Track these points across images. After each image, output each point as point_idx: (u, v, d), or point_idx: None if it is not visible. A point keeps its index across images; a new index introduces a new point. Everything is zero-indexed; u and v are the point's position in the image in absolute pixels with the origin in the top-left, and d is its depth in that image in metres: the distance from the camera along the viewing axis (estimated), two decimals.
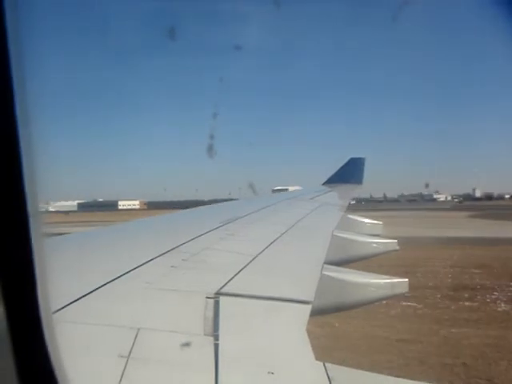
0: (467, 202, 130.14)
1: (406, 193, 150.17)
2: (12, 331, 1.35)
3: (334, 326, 16.10)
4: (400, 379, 2.88)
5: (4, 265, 1.33)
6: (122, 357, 2.04)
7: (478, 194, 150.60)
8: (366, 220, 9.49)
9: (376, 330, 15.35)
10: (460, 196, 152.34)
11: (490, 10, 3.07)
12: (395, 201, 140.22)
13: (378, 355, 12.70)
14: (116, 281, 3.01)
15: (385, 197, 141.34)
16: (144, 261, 3.54)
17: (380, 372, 2.60)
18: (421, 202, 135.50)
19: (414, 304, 18.57)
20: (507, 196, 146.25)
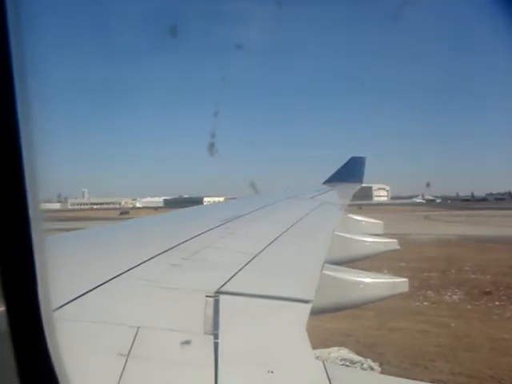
0: None
1: (494, 191, 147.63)
2: (13, 329, 1.35)
3: (450, 325, 16.31)
4: (400, 379, 2.88)
5: (5, 263, 1.33)
6: (121, 355, 2.04)
7: None
8: (367, 219, 9.49)
9: (495, 332, 15.39)
10: None
11: (491, 11, 3.06)
12: (483, 199, 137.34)
13: (503, 357, 12.79)
14: (116, 279, 3.02)
15: (472, 195, 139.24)
16: (144, 259, 3.54)
17: None
18: (510, 200, 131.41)
19: None
20: None
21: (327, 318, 16.15)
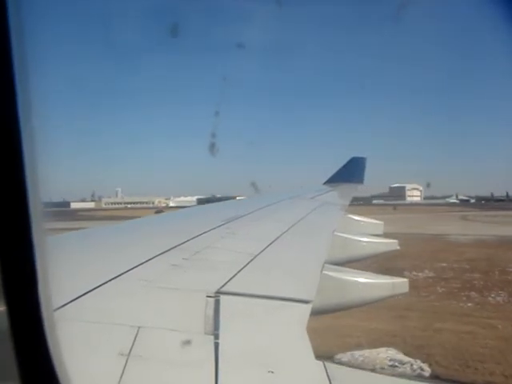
0: None
1: None
2: (14, 328, 1.36)
3: (497, 327, 16.36)
4: (400, 379, 2.89)
5: (6, 263, 1.33)
6: (122, 355, 2.04)
7: None
8: (368, 220, 9.48)
9: None
10: None
11: (491, 11, 3.06)
12: None
13: None
14: (117, 279, 3.02)
15: (507, 195, 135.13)
16: (145, 259, 3.54)
17: None
18: None
19: None
20: None
21: (371, 318, 16.21)
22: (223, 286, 3.15)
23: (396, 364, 13.55)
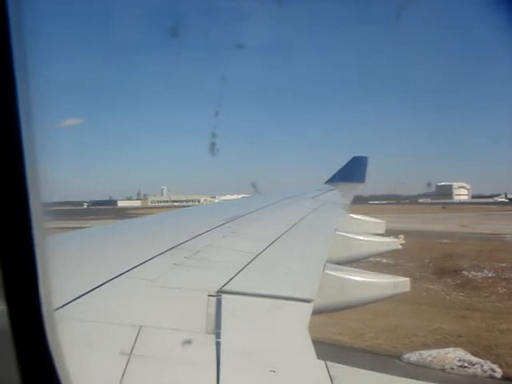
0: None
1: None
2: (14, 328, 1.35)
3: None
4: (400, 379, 2.88)
5: (7, 263, 1.33)
6: (123, 354, 2.04)
7: None
8: (370, 219, 9.48)
9: None
10: None
11: (492, 11, 3.06)
12: None
13: None
14: (118, 278, 3.02)
15: None
16: (147, 258, 3.55)
17: None
18: None
19: None
20: None
21: (434, 318, 16.34)
22: (225, 285, 3.15)
23: (466, 364, 13.51)
